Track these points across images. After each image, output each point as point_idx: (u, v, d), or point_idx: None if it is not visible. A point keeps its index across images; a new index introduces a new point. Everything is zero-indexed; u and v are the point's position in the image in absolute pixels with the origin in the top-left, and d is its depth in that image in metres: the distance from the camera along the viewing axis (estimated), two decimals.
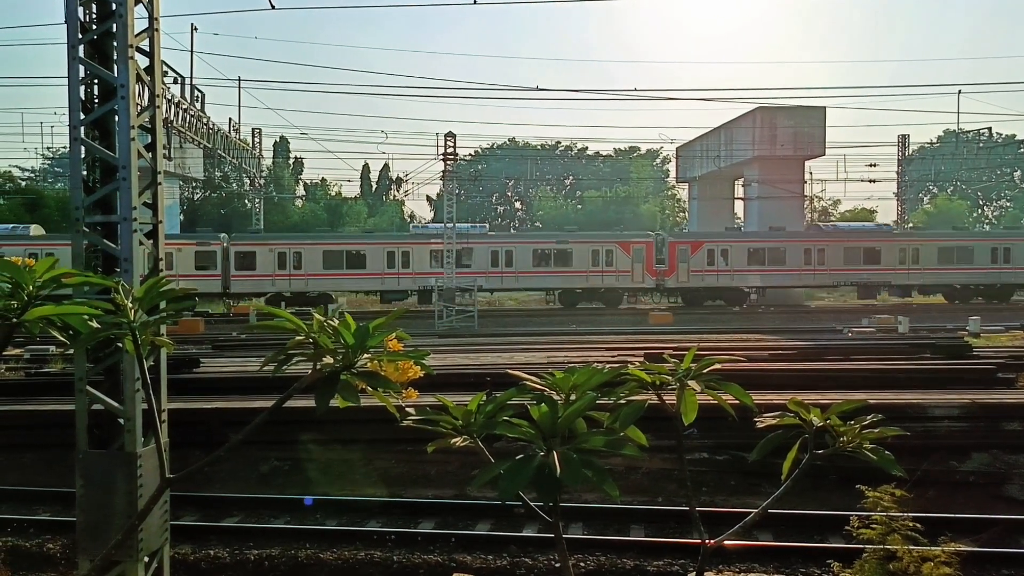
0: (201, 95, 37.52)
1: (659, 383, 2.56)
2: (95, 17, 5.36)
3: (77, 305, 2.29)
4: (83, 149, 5.38)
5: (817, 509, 8.88)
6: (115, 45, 5.30)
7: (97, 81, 5.44)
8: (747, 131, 50.77)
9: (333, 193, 74.96)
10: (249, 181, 50.38)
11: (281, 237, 42.26)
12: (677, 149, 64.48)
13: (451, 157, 38.00)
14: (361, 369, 2.31)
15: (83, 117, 5.34)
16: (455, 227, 37.44)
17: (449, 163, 38.08)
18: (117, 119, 5.27)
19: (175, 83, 34.22)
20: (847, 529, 6.61)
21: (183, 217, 55.67)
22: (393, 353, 2.37)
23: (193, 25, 37.83)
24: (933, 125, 73.16)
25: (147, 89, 5.51)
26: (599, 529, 8.72)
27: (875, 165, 51.08)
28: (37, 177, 66.91)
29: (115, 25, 5.23)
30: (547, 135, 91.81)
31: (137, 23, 5.32)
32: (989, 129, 57.67)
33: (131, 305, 2.37)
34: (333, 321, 2.35)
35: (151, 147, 5.57)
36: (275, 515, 9.48)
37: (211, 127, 38.86)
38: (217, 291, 38.27)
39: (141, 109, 5.43)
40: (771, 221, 46.36)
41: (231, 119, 43.86)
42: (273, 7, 17.66)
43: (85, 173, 5.44)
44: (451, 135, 38.02)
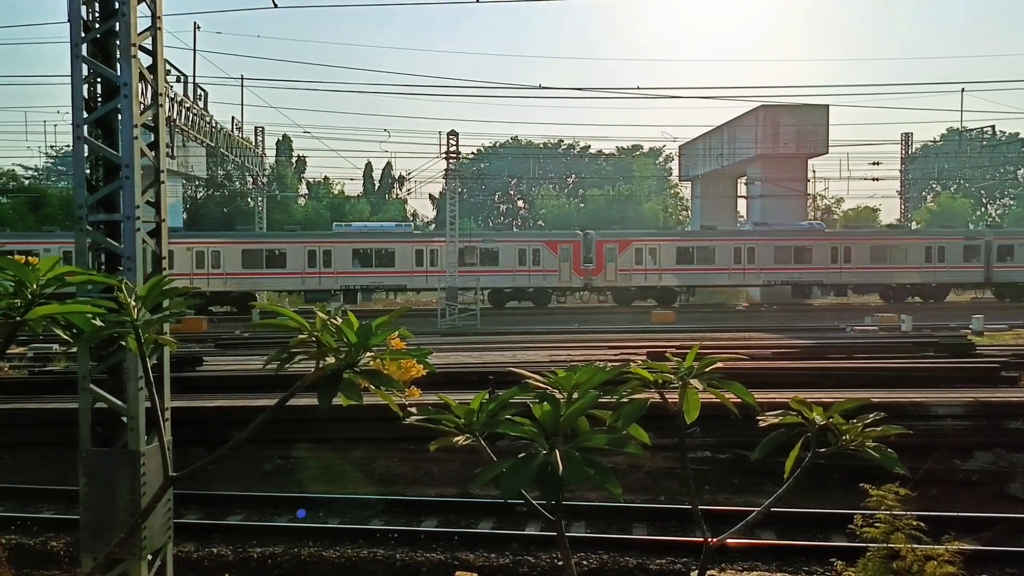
0: (204, 94, 37.47)
1: (661, 382, 2.55)
2: (98, 16, 5.37)
3: (80, 304, 2.29)
4: (86, 148, 5.39)
5: (820, 508, 8.87)
6: (118, 44, 5.31)
7: (100, 80, 5.45)
8: (750, 129, 50.74)
9: (336, 192, 75.00)
10: (252, 179, 50.35)
11: (200, 235, 41.52)
12: (680, 147, 64.47)
13: (454, 155, 37.97)
14: (364, 367, 2.31)
15: (86, 116, 5.35)
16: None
17: (452, 161, 38.07)
18: (120, 118, 5.28)
19: (178, 81, 34.18)
20: (850, 527, 6.60)
21: (186, 215, 55.80)
22: (396, 352, 2.37)
23: (196, 24, 37.79)
24: (936, 123, 73.03)
25: (150, 88, 5.52)
26: (602, 527, 8.73)
27: (878, 163, 51.08)
28: (40, 176, 67.01)
29: (118, 24, 5.24)
30: (550, 133, 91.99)
31: (140, 22, 5.32)
32: (992, 127, 57.43)
33: (134, 303, 2.37)
34: (336, 319, 2.35)
35: (154, 146, 5.58)
36: (278, 513, 9.49)
37: (214, 125, 38.80)
38: None
39: (144, 108, 5.44)
40: (774, 219, 46.32)
41: (234, 117, 43.80)
42: (276, 5, 17.68)
43: (88, 172, 5.45)
44: (454, 133, 37.99)
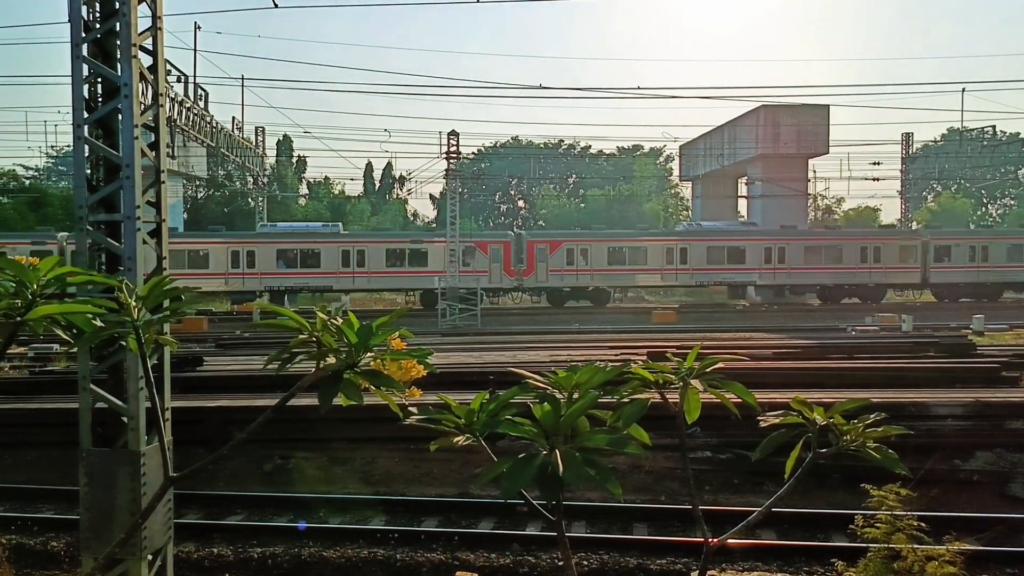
0: (204, 94, 37.46)
1: (662, 382, 2.55)
2: (98, 16, 5.36)
3: (81, 304, 2.29)
4: (87, 148, 5.39)
5: (820, 508, 8.87)
6: (118, 44, 5.31)
7: (101, 80, 5.45)
8: (750, 129, 50.75)
9: (336, 192, 75.01)
10: (252, 179, 50.39)
11: None
12: (680, 147, 64.48)
13: (454, 156, 37.97)
14: (364, 368, 2.32)
15: (87, 116, 5.34)
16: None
17: (452, 162, 38.07)
18: (120, 118, 5.28)
19: (178, 82, 34.18)
20: (851, 528, 6.60)
21: (187, 216, 55.79)
22: (396, 352, 2.37)
23: (196, 24, 37.79)
24: (937, 123, 72.94)
25: (150, 88, 5.52)
26: (602, 528, 8.73)
27: (879, 163, 51.02)
28: (41, 176, 67.05)
29: (118, 24, 5.24)
30: (550, 133, 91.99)
31: (140, 22, 5.32)
32: (993, 127, 57.41)
33: (134, 304, 2.38)
34: (337, 320, 2.35)
35: (154, 146, 5.57)
36: (278, 513, 9.49)
37: (214, 126, 38.81)
38: None
39: (144, 108, 5.44)
40: (775, 219, 46.31)
41: (234, 118, 43.82)
42: (276, 6, 17.67)
43: (89, 172, 5.44)
44: (454, 133, 38.01)
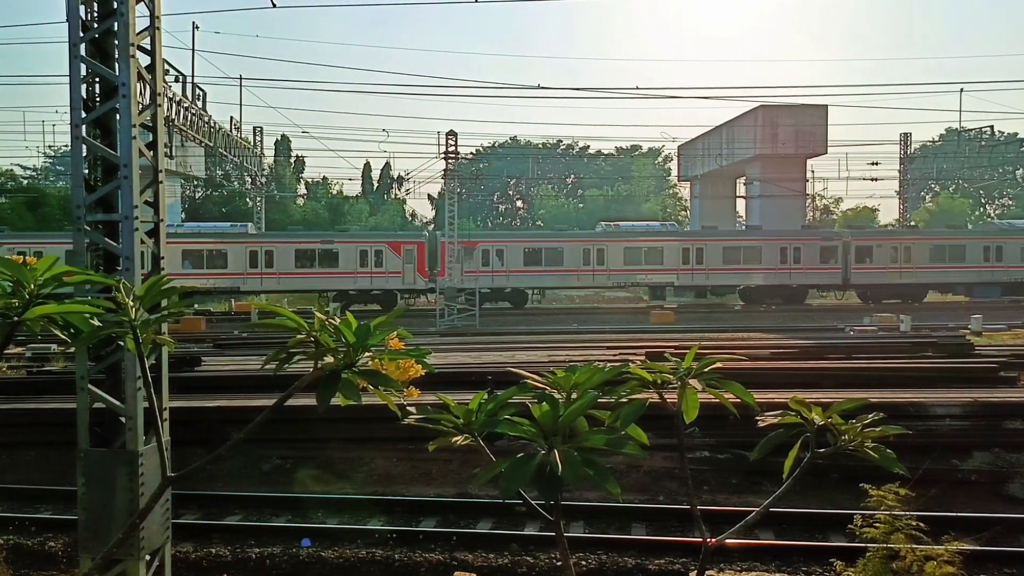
0: (202, 93, 37.46)
1: (660, 382, 2.55)
2: (96, 15, 5.36)
3: (78, 304, 2.28)
4: (84, 147, 5.38)
5: (819, 508, 8.88)
6: (116, 43, 5.30)
7: (98, 79, 5.44)
8: (749, 129, 50.82)
9: (334, 192, 75.00)
10: (250, 179, 50.36)
11: (14, 236, 38.70)
12: (679, 147, 64.54)
13: (452, 156, 37.99)
14: (362, 367, 2.31)
15: (84, 115, 5.34)
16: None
17: (450, 162, 38.08)
18: (118, 117, 5.28)
19: (176, 81, 34.18)
20: (849, 528, 6.60)
21: (184, 215, 55.74)
22: (394, 352, 2.37)
23: (194, 23, 37.78)
24: (935, 123, 73.09)
25: (148, 87, 5.52)
26: (600, 527, 8.72)
27: (877, 163, 51.04)
28: (39, 176, 66.96)
29: (116, 23, 5.23)
30: (549, 133, 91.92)
31: (138, 21, 5.32)
32: (991, 127, 57.50)
33: (132, 303, 2.37)
34: (335, 320, 2.35)
35: (152, 145, 5.57)
36: (276, 513, 9.48)
37: (212, 125, 38.80)
38: None
39: (142, 107, 5.43)
40: (773, 220, 46.36)
41: (232, 117, 43.87)
42: (275, 5, 17.68)
43: (86, 171, 5.44)
44: (453, 134, 38.04)
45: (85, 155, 5.41)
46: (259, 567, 7.97)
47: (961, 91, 47.77)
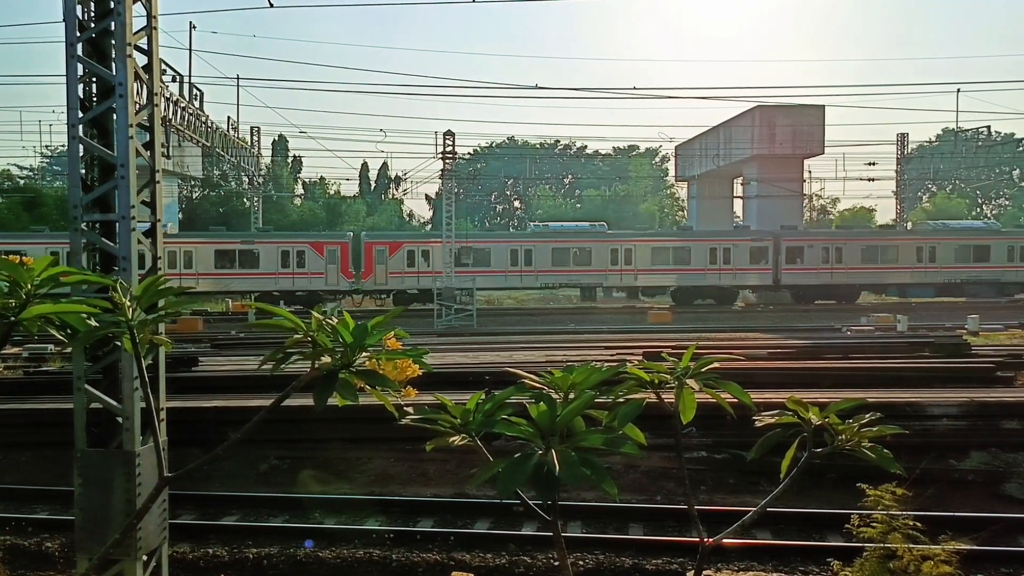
0: (200, 93, 37.45)
1: (658, 382, 2.55)
2: (93, 15, 5.36)
3: (75, 304, 2.28)
4: (81, 147, 5.38)
5: (816, 508, 8.88)
6: (113, 43, 5.30)
7: (95, 79, 5.44)
8: (746, 130, 50.89)
9: (332, 192, 74.95)
10: (248, 180, 50.32)
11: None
12: (676, 148, 64.61)
13: (450, 156, 37.99)
14: (359, 367, 2.31)
15: (81, 115, 5.33)
16: (455, 227, 37.23)
17: (448, 162, 38.08)
18: (115, 117, 5.27)
19: (173, 81, 34.18)
20: (847, 527, 6.61)
21: (182, 216, 55.67)
22: (392, 351, 2.36)
23: (192, 23, 37.78)
24: (932, 123, 73.23)
25: (145, 87, 5.51)
26: (598, 527, 8.72)
27: (874, 164, 51.15)
28: (35, 176, 66.90)
29: (113, 23, 5.23)
30: (546, 134, 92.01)
31: (135, 21, 5.32)
32: (988, 128, 57.74)
33: (129, 303, 2.37)
34: (332, 320, 2.35)
35: (149, 145, 5.57)
36: (274, 514, 9.47)
37: (210, 125, 38.78)
38: None
39: (139, 107, 5.43)
40: (771, 220, 46.39)
41: (229, 117, 43.80)
42: (272, 5, 17.66)
43: (83, 171, 5.43)
44: (450, 134, 38.05)
45: (82, 155, 5.40)
46: (256, 567, 7.96)
47: (958, 91, 47.84)
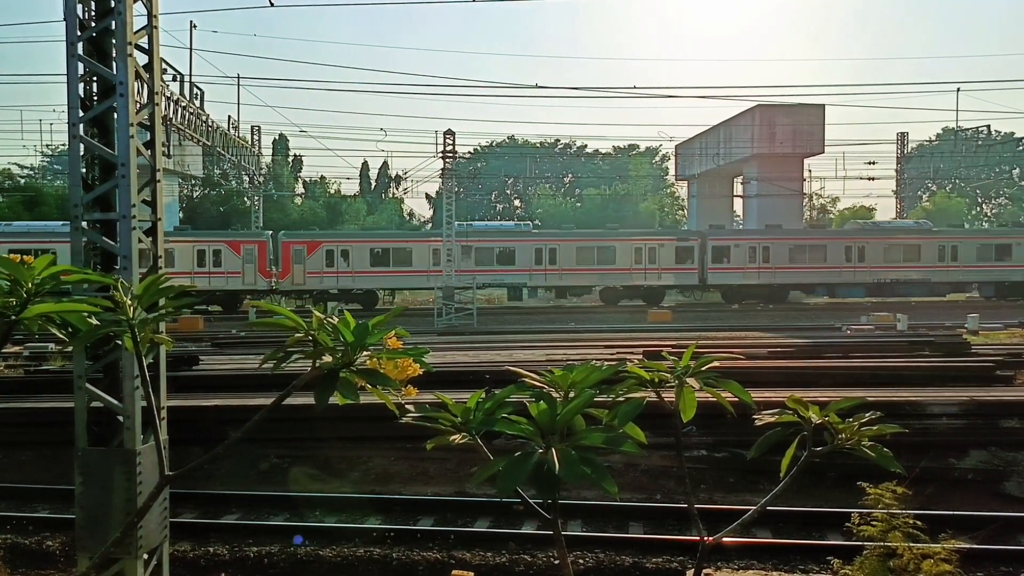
0: (200, 92, 37.44)
1: (658, 380, 2.55)
2: (94, 14, 5.36)
3: (76, 302, 2.28)
4: (82, 146, 5.38)
5: (816, 506, 8.89)
6: (114, 42, 5.30)
7: (96, 78, 5.44)
8: (746, 129, 50.86)
9: (332, 191, 74.91)
10: (248, 179, 50.29)
11: None
12: (676, 147, 64.59)
13: (450, 155, 38.01)
14: (360, 367, 2.31)
15: (82, 114, 5.33)
16: (455, 225, 37.26)
17: (448, 161, 38.09)
18: (116, 116, 5.27)
19: (174, 80, 34.16)
20: (847, 526, 6.61)
21: (182, 215, 55.67)
22: (392, 351, 2.37)
23: (192, 22, 37.73)
24: (932, 123, 73.19)
25: (146, 86, 5.51)
26: (598, 526, 8.73)
27: (874, 163, 51.32)
28: (36, 175, 66.92)
29: (114, 22, 5.23)
30: (546, 133, 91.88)
31: (136, 20, 5.32)
32: (988, 127, 57.70)
33: (130, 302, 2.37)
34: (333, 319, 2.35)
35: (150, 144, 5.57)
36: (274, 512, 9.48)
37: (210, 124, 38.76)
38: None
39: (140, 106, 5.43)
40: (770, 219, 46.39)
41: (230, 116, 43.78)
42: (272, 4, 17.66)
43: (84, 170, 5.44)
44: (450, 133, 38.06)
45: (83, 154, 5.41)
46: (257, 566, 7.96)
47: (958, 91, 47.81)
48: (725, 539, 2.75)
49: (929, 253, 42.04)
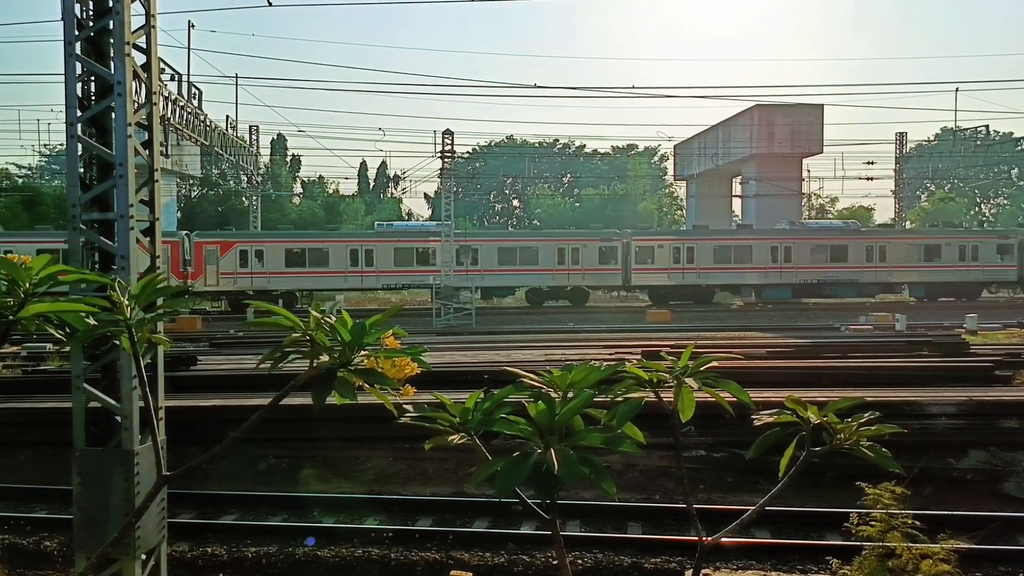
0: (198, 92, 37.45)
1: (656, 380, 2.55)
2: (92, 14, 5.35)
3: (74, 302, 2.28)
4: (80, 146, 5.37)
5: (815, 506, 8.89)
6: (112, 42, 5.30)
7: (94, 78, 5.43)
8: (745, 129, 50.91)
9: (330, 191, 74.92)
10: (246, 178, 50.27)
11: None
12: (675, 147, 64.66)
13: (449, 155, 38.02)
14: (358, 366, 2.31)
15: (80, 114, 5.33)
16: (453, 225, 37.14)
17: (447, 161, 38.10)
18: (114, 116, 5.27)
19: (172, 80, 34.16)
20: (846, 526, 6.61)
21: (180, 215, 55.65)
22: (390, 350, 2.36)
23: (190, 22, 37.73)
24: (931, 123, 73.22)
25: (144, 86, 5.51)
26: (596, 526, 8.73)
27: (873, 163, 51.26)
28: (34, 174, 66.89)
29: (112, 22, 5.23)
30: (545, 133, 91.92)
31: (134, 20, 5.31)
32: (986, 127, 57.72)
33: (128, 302, 2.36)
34: (330, 318, 2.34)
35: (148, 144, 5.56)
36: (272, 512, 9.47)
37: (208, 124, 38.77)
38: None
39: (138, 106, 5.43)
40: (769, 219, 46.42)
41: (228, 116, 43.75)
42: (271, 4, 17.65)
43: (82, 170, 5.43)
44: (449, 132, 38.07)
45: (81, 154, 5.40)
46: (255, 566, 7.96)
47: (956, 91, 47.90)
48: (724, 539, 2.75)
49: (857, 253, 41.56)
